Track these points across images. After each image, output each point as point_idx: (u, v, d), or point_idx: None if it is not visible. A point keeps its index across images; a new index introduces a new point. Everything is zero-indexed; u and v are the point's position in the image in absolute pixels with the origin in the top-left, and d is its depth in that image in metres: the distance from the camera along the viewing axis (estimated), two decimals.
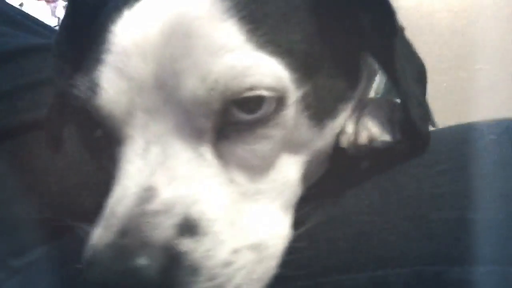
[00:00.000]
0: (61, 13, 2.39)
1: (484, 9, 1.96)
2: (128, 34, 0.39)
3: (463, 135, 0.44)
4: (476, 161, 0.39)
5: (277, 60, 0.37)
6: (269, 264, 0.38)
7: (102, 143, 0.42)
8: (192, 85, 0.36)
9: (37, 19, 0.82)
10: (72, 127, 0.51)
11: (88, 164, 0.60)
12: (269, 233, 0.38)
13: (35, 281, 0.53)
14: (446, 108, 0.49)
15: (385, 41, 0.40)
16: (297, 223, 0.41)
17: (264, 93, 0.36)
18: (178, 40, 0.37)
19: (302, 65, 0.39)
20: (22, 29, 0.71)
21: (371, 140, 0.41)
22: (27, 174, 0.59)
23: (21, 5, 2.24)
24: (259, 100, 0.37)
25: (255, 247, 0.37)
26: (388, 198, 0.40)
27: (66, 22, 0.51)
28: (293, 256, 0.39)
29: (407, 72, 0.41)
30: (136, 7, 0.40)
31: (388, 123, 0.42)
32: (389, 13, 0.41)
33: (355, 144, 0.42)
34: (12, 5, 0.95)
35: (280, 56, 0.37)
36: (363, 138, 0.41)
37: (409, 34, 0.48)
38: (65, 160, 0.58)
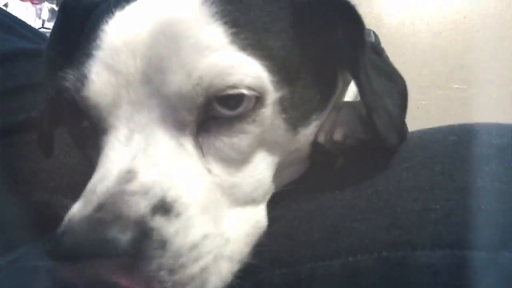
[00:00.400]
0: (46, 15, 2.37)
1: (463, 31, 2.03)
2: (119, 32, 0.41)
3: (428, 136, 0.47)
4: (437, 158, 0.43)
5: (257, 62, 0.40)
6: (238, 252, 0.40)
7: (88, 133, 0.44)
8: (178, 81, 0.39)
9: (24, 22, 0.83)
10: (60, 130, 0.53)
11: (74, 167, 0.62)
12: (239, 227, 0.41)
13: (15, 279, 0.53)
14: (423, 123, 0.53)
15: (354, 54, 0.44)
16: (275, 217, 0.44)
17: (245, 91, 0.39)
18: (166, 40, 0.39)
19: (281, 70, 0.42)
20: (11, 32, 0.72)
21: (345, 137, 0.45)
22: (14, 175, 0.61)
23: (5, 5, 2.22)
24: (239, 97, 0.40)
25: (223, 236, 0.39)
26: (359, 192, 0.43)
27: (57, 26, 0.53)
28: (270, 247, 0.41)
29: (376, 84, 0.44)
30: (127, 9, 0.43)
31: (362, 123, 0.45)
32: (359, 28, 0.44)
33: (331, 141, 0.45)
34: (0, 8, 0.96)
35: (260, 58, 0.41)
36: (338, 135, 0.45)
37: (392, 53, 0.52)
38: (50, 162, 0.60)
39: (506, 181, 0.39)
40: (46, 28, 2.23)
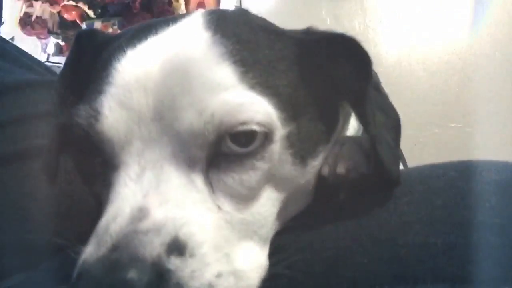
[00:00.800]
0: (51, 49, 2.41)
1: (458, 71, 2.08)
2: (130, 70, 0.42)
3: (428, 171, 0.48)
4: (437, 193, 0.44)
5: (266, 100, 0.41)
6: None
7: (98, 169, 0.44)
8: (189, 118, 0.39)
9: (30, 55, 0.85)
10: (62, 158, 0.54)
11: (73, 193, 0.62)
12: (249, 262, 0.41)
13: None
14: (420, 160, 0.54)
15: (360, 87, 0.45)
16: (279, 249, 0.44)
17: (255, 127, 0.40)
18: (177, 78, 0.41)
19: (287, 107, 0.43)
20: (18, 64, 0.74)
21: (348, 170, 0.45)
22: (13, 201, 0.61)
23: (12, 39, 2.25)
24: (250, 135, 0.41)
25: (236, 273, 0.39)
26: (360, 225, 0.44)
27: (71, 57, 0.55)
28: (273, 279, 0.41)
29: (377, 117, 0.46)
30: (139, 48, 0.44)
31: (364, 157, 0.46)
32: (366, 62, 0.46)
33: (334, 174, 0.46)
34: (8, 41, 0.98)
35: (268, 96, 0.42)
36: (341, 169, 0.45)
37: (389, 92, 0.54)
38: (52, 189, 0.59)
39: (506, 216, 0.40)
40: (51, 62, 2.27)
